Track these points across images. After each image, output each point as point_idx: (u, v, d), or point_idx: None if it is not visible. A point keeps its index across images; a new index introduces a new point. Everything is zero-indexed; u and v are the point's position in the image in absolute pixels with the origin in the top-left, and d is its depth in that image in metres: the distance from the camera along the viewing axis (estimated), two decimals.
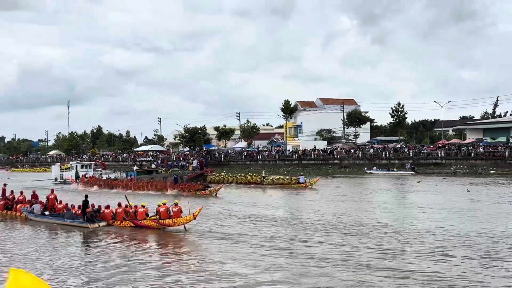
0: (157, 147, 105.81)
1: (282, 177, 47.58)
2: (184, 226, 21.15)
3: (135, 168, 59.37)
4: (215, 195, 37.90)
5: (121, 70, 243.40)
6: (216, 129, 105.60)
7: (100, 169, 61.31)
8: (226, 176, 50.79)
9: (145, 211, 22.83)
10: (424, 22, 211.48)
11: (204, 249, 17.83)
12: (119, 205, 23.95)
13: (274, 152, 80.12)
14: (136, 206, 23.55)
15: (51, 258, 16.90)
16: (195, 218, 20.93)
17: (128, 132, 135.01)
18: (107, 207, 24.26)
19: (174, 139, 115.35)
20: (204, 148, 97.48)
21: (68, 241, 20.48)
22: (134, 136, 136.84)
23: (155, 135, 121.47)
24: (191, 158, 77.57)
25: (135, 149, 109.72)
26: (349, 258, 15.22)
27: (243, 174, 50.76)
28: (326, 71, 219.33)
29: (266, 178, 46.79)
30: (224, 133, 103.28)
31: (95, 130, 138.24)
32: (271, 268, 14.39)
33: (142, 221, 22.39)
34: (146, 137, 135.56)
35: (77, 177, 52.42)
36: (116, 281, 13.65)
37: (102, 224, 23.22)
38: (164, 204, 22.07)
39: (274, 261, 15.26)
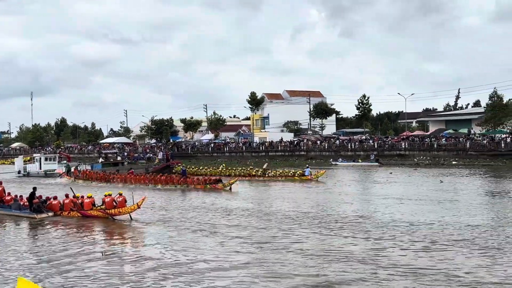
0: (123, 139, 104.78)
1: (286, 170, 45.38)
2: (130, 215, 21.93)
3: (100, 160, 58.85)
4: (230, 189, 34.73)
5: (88, 61, 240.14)
6: (183, 121, 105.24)
7: (65, 161, 60.57)
8: (224, 169, 47.07)
9: (92, 201, 23.46)
10: (391, 15, 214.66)
11: (145, 237, 18.67)
12: (67, 196, 24.56)
13: (241, 144, 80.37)
14: (82, 197, 24.09)
15: None
16: (139, 207, 21.78)
17: (93, 124, 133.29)
18: (55, 198, 24.61)
19: (141, 131, 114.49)
20: (171, 140, 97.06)
21: (14, 231, 20.74)
22: (100, 128, 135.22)
23: (121, 127, 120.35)
24: (158, 150, 77.28)
25: (101, 141, 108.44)
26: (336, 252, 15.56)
27: (243, 167, 48.24)
28: (294, 63, 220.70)
29: (269, 171, 44.10)
30: (191, 125, 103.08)
31: (59, 122, 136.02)
32: (206, 257, 14.85)
33: (89, 211, 23.09)
34: (111, 129, 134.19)
35: (68, 170, 49.83)
36: (61, 269, 13.85)
37: (49, 214, 23.65)
38: (110, 194, 22.88)
39: (216, 250, 15.73)
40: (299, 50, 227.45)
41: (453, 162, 55.10)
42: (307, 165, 46.54)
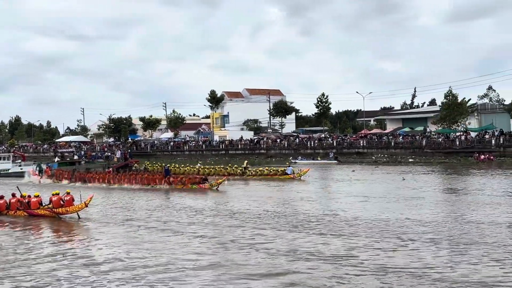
0: (80, 138, 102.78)
1: (267, 168, 43.84)
2: (78, 214, 22.00)
3: (56, 159, 57.54)
4: (216, 189, 33.30)
5: (43, 58, 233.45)
6: (142, 119, 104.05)
7: (19, 160, 59.01)
8: (203, 168, 44.62)
9: (39, 201, 23.33)
10: (349, 14, 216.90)
11: (95, 237, 18.48)
12: (13, 195, 24.32)
13: (201, 143, 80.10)
14: (29, 196, 23.92)
15: None
16: (86, 206, 21.84)
17: (49, 122, 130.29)
18: (1, 197, 24.28)
19: (99, 130, 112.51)
20: (130, 139, 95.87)
21: None
22: (56, 127, 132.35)
23: (78, 125, 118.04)
24: (116, 149, 76.24)
25: (57, 140, 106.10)
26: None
27: (222, 166, 45.64)
28: (254, 61, 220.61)
29: (249, 169, 42.92)
30: (150, 124, 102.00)
31: (13, 121, 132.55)
32: (152, 253, 15.01)
33: (36, 210, 23.00)
34: (68, 128, 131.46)
35: (40, 170, 47.66)
36: (6, 271, 13.68)
37: None
38: (57, 194, 22.81)
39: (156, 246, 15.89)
40: (258, 48, 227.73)
41: (410, 160, 56.16)
42: (288, 164, 45.75)
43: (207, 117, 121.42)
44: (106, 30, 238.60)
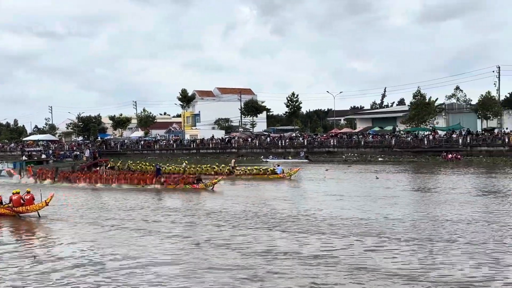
0: (48, 137, 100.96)
1: (256, 167, 42.53)
2: (38, 213, 21.92)
3: (23, 158, 56.49)
4: (212, 189, 31.96)
5: (10, 55, 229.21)
6: (112, 118, 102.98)
7: None
8: (189, 167, 42.73)
9: None
10: (321, 13, 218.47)
11: (53, 233, 18.74)
12: None
13: (171, 142, 79.67)
14: None
15: None
16: (47, 205, 21.73)
17: (16, 121, 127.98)
18: None
19: (67, 128, 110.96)
20: (99, 138, 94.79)
21: None
22: (23, 125, 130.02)
23: (46, 124, 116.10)
24: (85, 148, 75.26)
25: (24, 139, 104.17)
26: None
27: (208, 165, 43.81)
28: (226, 60, 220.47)
29: (237, 168, 41.63)
30: (120, 122, 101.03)
31: None
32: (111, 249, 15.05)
33: None
34: (36, 126, 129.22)
35: (21, 169, 45.16)
36: None
37: None
38: (18, 192, 22.64)
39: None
40: (230, 47, 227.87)
41: (379, 159, 56.86)
42: (278, 164, 44.58)
43: (178, 116, 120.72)
44: (76, 27, 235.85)
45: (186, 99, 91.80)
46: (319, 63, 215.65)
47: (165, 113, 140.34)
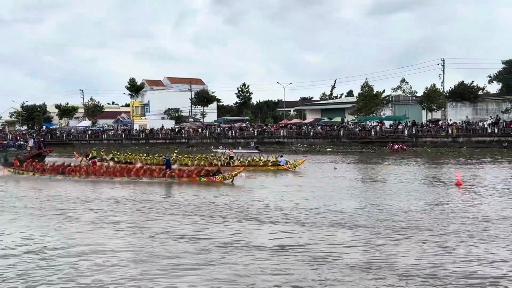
0: None
1: (256, 158, 39.44)
2: None
3: None
4: (232, 182, 28.70)
5: None
6: (58, 107, 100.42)
7: None
8: (181, 157, 38.58)
9: None
10: (274, 4, 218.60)
11: None
12: None
13: (120, 132, 78.53)
14: None
15: None
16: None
17: None
18: None
19: (11, 117, 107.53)
20: (44, 127, 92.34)
21: None
22: None
23: None
24: (29, 137, 73.17)
25: None
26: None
27: (203, 156, 39.48)
28: (178, 49, 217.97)
29: (234, 159, 38.44)
30: (66, 111, 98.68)
31: None
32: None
33: None
34: None
35: (5, 160, 41.37)
36: None
37: None
38: None
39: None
40: (182, 36, 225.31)
41: (328, 149, 57.68)
42: (281, 155, 41.37)
43: (127, 105, 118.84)
44: (22, 13, 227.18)
45: (134, 88, 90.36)
46: (271, 54, 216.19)
47: (113, 103, 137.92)
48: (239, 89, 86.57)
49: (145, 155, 41.32)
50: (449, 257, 12.80)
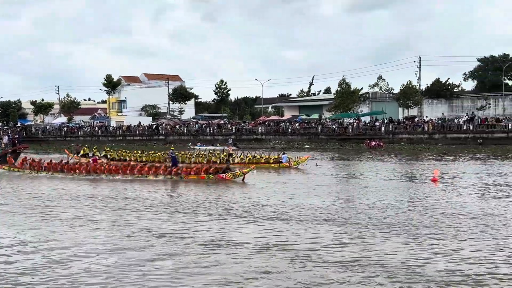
0: None
1: (257, 154, 37.92)
2: None
3: None
4: (242, 180, 27.65)
5: None
6: (33, 103, 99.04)
7: None
8: (179, 154, 36.67)
9: None
10: (253, 1, 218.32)
11: None
12: None
13: (96, 128, 77.75)
14: None
15: None
16: None
17: None
18: None
19: None
20: (19, 124, 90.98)
21: None
22: None
23: None
24: (3, 134, 71.99)
25: None
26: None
27: (201, 154, 38.27)
28: (155, 45, 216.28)
29: (233, 156, 37.43)
30: (42, 108, 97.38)
31: None
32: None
33: None
34: None
35: (0, 157, 40.10)
36: None
37: None
38: None
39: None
40: (160, 32, 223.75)
41: (306, 146, 57.84)
42: (283, 151, 40.68)
43: (104, 102, 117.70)
44: None
45: (111, 84, 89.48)
46: (249, 50, 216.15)
47: (89, 99, 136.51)
48: (217, 85, 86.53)
49: (139, 152, 39.98)
50: (420, 252, 12.94)
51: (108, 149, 44.13)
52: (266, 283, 10.96)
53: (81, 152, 42.33)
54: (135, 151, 40.52)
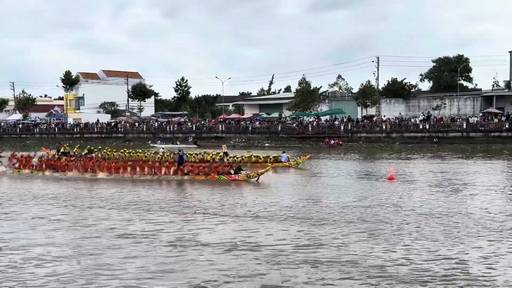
0: None
1: (255, 154, 36.93)
2: None
3: None
4: (257, 180, 26.31)
5: None
6: None
7: None
8: (168, 154, 35.99)
9: None
10: None
11: None
12: None
13: (53, 125, 76.31)
14: None
15: None
16: None
17: None
18: None
19: None
20: None
21: None
22: None
23: None
24: None
25: None
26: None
27: (198, 153, 36.23)
28: (115, 42, 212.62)
29: (229, 155, 36.06)
30: None
31: None
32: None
33: None
34: None
35: None
36: None
37: None
38: None
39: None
40: (119, 28, 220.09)
41: (266, 144, 58.09)
42: (283, 150, 39.51)
43: (61, 98, 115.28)
44: None
45: (69, 81, 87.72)
46: (210, 48, 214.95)
47: (46, 96, 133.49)
48: (177, 83, 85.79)
49: (128, 150, 37.74)
50: (374, 247, 13.21)
51: (91, 147, 39.69)
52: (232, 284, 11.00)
53: (62, 150, 40.25)
54: (122, 150, 38.41)
